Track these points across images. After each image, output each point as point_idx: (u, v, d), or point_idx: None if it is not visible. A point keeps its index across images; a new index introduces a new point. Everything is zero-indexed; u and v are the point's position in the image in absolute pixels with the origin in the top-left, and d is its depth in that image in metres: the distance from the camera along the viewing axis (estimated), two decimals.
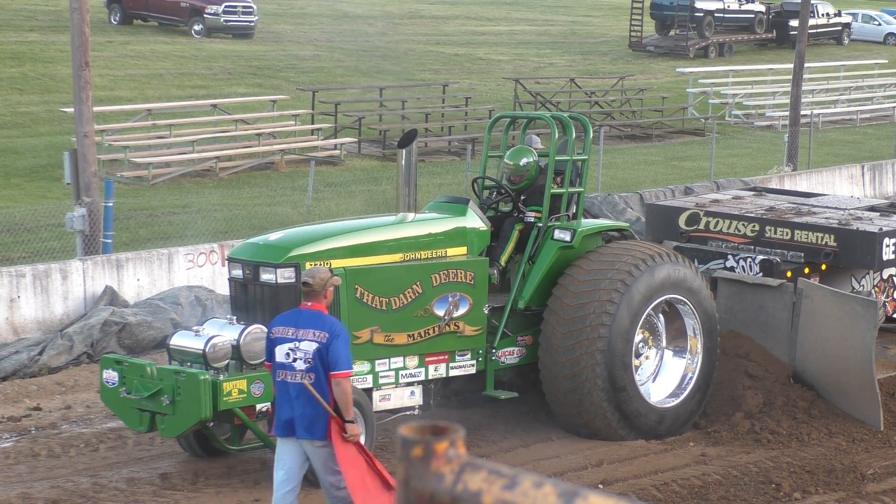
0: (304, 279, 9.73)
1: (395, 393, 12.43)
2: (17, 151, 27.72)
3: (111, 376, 11.85)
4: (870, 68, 47.92)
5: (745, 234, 16.43)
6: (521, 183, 13.66)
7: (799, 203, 17.76)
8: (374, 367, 12.21)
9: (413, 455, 2.70)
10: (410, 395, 12.53)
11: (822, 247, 15.96)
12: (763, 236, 16.34)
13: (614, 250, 13.40)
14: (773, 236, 16.28)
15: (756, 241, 16.36)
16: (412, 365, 12.47)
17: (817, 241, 16.03)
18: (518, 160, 13.67)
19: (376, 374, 12.23)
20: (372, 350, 12.16)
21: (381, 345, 12.22)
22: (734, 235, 16.51)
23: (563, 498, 2.57)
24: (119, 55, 39.21)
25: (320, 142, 30.13)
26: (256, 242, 12.40)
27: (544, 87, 38.75)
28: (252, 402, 11.52)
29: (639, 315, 13.13)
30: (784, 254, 16.11)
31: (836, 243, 15.94)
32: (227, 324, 11.80)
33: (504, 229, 13.42)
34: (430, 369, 12.55)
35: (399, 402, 12.49)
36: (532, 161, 13.61)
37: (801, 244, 16.13)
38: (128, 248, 18.37)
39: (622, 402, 13.05)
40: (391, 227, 12.79)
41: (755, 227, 16.42)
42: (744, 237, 16.44)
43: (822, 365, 14.13)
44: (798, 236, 16.17)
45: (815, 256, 16.01)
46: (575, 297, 12.95)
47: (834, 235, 16.00)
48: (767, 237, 16.31)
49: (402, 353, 12.37)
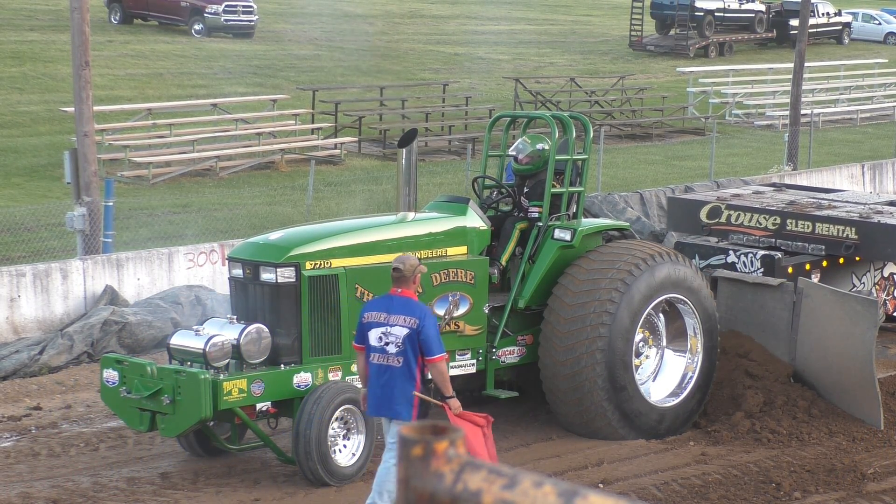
0: (395, 265, 10.34)
1: None
2: (17, 151, 27.73)
3: (111, 376, 11.84)
4: (870, 68, 47.91)
5: (767, 227, 16.58)
6: (528, 166, 13.63)
7: (819, 198, 17.96)
8: None
9: (413, 454, 2.70)
10: None
11: (843, 239, 16.14)
12: (784, 229, 16.48)
13: (614, 250, 13.40)
14: (794, 229, 16.44)
15: (777, 233, 16.51)
16: None
17: (838, 234, 16.22)
18: (535, 143, 13.68)
19: None
20: None
21: None
22: (755, 228, 16.66)
23: (562, 497, 2.57)
24: (119, 55, 39.21)
25: (320, 141, 30.13)
26: (256, 242, 12.39)
27: (544, 87, 38.74)
28: (252, 401, 11.52)
29: (639, 314, 13.13)
30: (805, 246, 16.25)
31: (857, 236, 16.14)
32: (228, 323, 11.79)
33: (505, 228, 13.42)
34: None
35: None
36: (546, 149, 13.61)
37: (823, 237, 16.30)
38: (128, 247, 18.37)
39: (622, 402, 13.05)
40: (391, 226, 12.79)
41: (776, 220, 16.58)
42: (765, 230, 16.59)
43: (823, 364, 14.13)
44: (819, 229, 16.34)
45: (837, 249, 16.20)
46: (575, 297, 12.95)
47: (855, 228, 16.21)
48: (789, 230, 16.45)
49: None
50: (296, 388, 11.75)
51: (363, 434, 11.85)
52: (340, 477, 11.69)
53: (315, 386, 11.73)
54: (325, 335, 11.93)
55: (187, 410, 11.31)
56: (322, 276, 11.88)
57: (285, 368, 11.77)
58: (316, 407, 11.47)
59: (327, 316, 11.92)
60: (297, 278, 11.81)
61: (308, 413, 11.46)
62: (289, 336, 11.85)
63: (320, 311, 11.89)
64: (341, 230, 12.54)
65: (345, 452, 11.79)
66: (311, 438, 11.43)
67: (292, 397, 11.75)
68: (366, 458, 11.87)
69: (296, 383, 11.76)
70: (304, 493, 11.61)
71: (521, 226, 13.40)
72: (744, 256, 16.03)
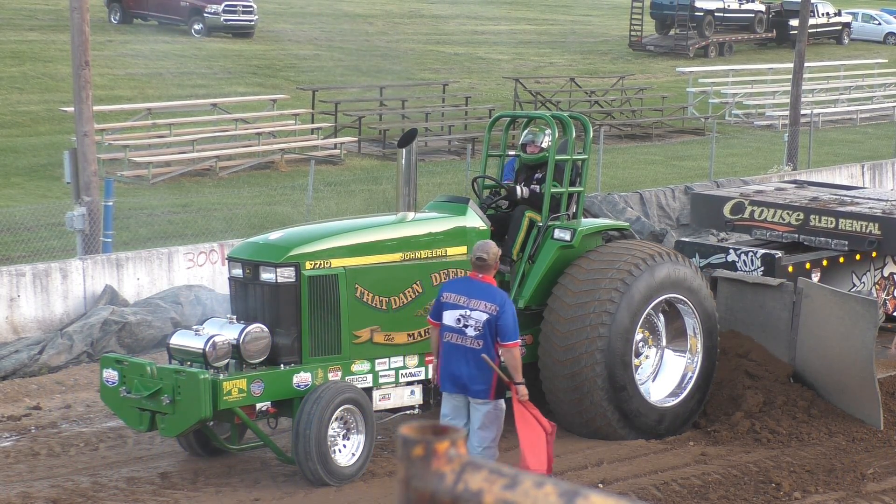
0: (479, 255, 10.80)
1: (396, 392, 12.43)
2: (17, 150, 27.73)
3: (111, 375, 11.83)
4: (870, 68, 47.92)
5: (790, 222, 16.72)
6: (536, 155, 13.61)
7: (841, 194, 18.17)
8: (374, 366, 12.20)
9: (414, 455, 2.70)
10: (410, 394, 12.53)
11: (867, 235, 16.30)
12: (808, 225, 16.62)
13: (614, 250, 13.40)
14: (817, 225, 16.59)
15: (801, 229, 16.66)
16: (412, 364, 12.47)
17: (861, 230, 16.38)
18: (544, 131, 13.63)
19: (376, 374, 12.23)
20: (372, 349, 12.16)
21: (381, 344, 12.22)
22: (779, 224, 16.80)
23: (564, 497, 2.57)
24: (119, 54, 39.21)
25: (320, 141, 30.13)
26: (256, 242, 12.38)
27: (544, 87, 38.75)
28: (252, 401, 11.51)
29: (639, 314, 13.13)
30: (829, 242, 16.44)
31: (879, 231, 16.31)
32: (227, 323, 11.79)
33: (514, 218, 13.36)
34: (430, 368, 12.55)
35: (399, 401, 12.49)
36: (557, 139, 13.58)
37: (846, 232, 16.44)
38: (128, 247, 18.37)
39: (622, 402, 13.05)
40: (391, 226, 12.78)
41: (800, 215, 16.70)
42: (788, 226, 16.73)
43: (823, 364, 14.13)
44: (842, 225, 16.48)
45: (860, 244, 16.39)
46: (575, 297, 12.95)
47: (878, 224, 16.36)
48: (812, 226, 16.60)
49: (402, 353, 12.37)
50: (296, 388, 11.74)
51: (363, 434, 11.84)
52: (340, 477, 11.68)
53: (315, 386, 11.73)
54: (324, 335, 11.92)
55: (187, 410, 11.30)
56: (322, 275, 11.88)
57: (285, 368, 11.76)
58: (316, 407, 11.46)
59: (327, 316, 11.91)
60: (296, 278, 11.80)
61: (308, 413, 11.46)
62: (288, 336, 11.84)
63: (320, 310, 11.89)
64: (341, 230, 12.53)
65: (345, 452, 11.78)
66: (311, 438, 11.43)
67: (292, 397, 11.75)
68: (365, 457, 11.87)
69: (295, 383, 11.75)
70: (303, 493, 11.61)
71: (530, 214, 13.37)
72: (744, 255, 16.04)
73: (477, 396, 10.77)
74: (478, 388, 10.75)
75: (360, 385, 12.02)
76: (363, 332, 12.08)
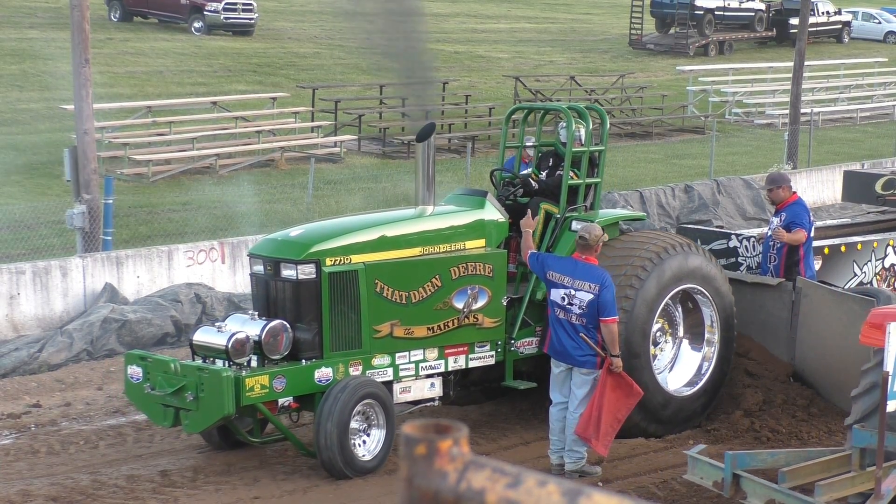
0: (581, 234, 11.90)
1: (416, 385, 12.46)
2: (17, 148, 27.72)
3: (135, 372, 11.86)
4: (870, 66, 47.92)
5: None
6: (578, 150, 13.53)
7: None
8: (394, 359, 12.23)
9: (416, 453, 2.70)
10: (430, 387, 12.56)
11: None
12: None
13: (631, 240, 13.41)
14: None
15: None
16: (432, 357, 12.48)
17: None
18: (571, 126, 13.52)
19: (396, 367, 12.25)
20: (392, 343, 12.18)
21: (400, 338, 12.23)
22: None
23: (566, 496, 2.56)
24: (119, 52, 39.21)
25: (320, 139, 30.13)
26: (276, 238, 12.40)
27: (544, 85, 38.74)
28: (274, 396, 11.54)
29: (656, 304, 13.14)
30: None
31: None
32: (249, 319, 11.81)
33: (531, 207, 13.33)
34: (450, 361, 12.57)
35: (419, 393, 12.52)
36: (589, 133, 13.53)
37: None
38: (128, 245, 18.38)
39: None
40: (410, 220, 12.75)
41: None
42: None
43: (822, 363, 14.13)
44: None
45: None
46: None
47: None
48: None
49: (421, 346, 12.38)
50: (317, 383, 11.77)
51: (384, 429, 11.88)
52: (361, 470, 11.73)
53: (336, 381, 11.77)
54: (345, 330, 11.94)
55: (210, 407, 11.32)
56: (342, 272, 11.89)
57: (306, 364, 11.79)
58: (337, 402, 11.50)
59: (347, 311, 11.93)
60: (317, 275, 11.81)
61: (329, 407, 11.49)
62: (310, 331, 11.86)
63: (340, 306, 11.90)
64: (361, 225, 12.52)
65: (365, 446, 11.83)
66: (332, 433, 11.47)
67: (314, 392, 11.78)
68: (386, 451, 11.90)
69: (317, 378, 11.78)
70: (303, 490, 11.62)
71: (546, 206, 13.34)
72: (745, 241, 16.02)
73: (582, 366, 11.86)
74: (582, 359, 11.83)
75: (381, 379, 12.05)
76: (383, 327, 12.10)
